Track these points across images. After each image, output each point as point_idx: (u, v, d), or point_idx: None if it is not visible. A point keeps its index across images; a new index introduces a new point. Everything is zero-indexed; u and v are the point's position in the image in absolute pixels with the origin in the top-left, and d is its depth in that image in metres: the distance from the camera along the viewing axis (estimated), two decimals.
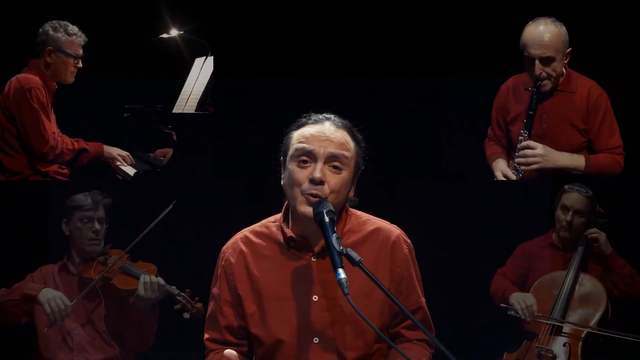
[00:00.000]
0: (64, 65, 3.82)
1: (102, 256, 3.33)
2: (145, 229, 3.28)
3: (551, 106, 3.50)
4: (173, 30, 4.55)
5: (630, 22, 3.92)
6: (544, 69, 3.38)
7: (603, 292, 3.36)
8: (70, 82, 3.87)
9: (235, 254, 2.33)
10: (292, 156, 2.23)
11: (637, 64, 3.89)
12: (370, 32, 4.15)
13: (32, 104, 3.70)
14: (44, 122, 3.73)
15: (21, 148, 3.77)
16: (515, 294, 3.50)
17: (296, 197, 2.20)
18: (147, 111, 4.58)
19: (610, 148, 3.50)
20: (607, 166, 3.49)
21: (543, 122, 3.50)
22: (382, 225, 2.35)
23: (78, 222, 3.33)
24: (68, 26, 3.80)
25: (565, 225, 3.55)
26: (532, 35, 3.38)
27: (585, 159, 3.44)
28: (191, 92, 4.29)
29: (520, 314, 3.40)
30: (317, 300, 2.24)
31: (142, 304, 3.18)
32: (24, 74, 3.78)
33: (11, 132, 3.74)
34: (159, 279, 3.16)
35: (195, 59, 4.52)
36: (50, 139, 3.74)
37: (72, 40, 3.80)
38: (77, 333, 3.24)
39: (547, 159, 3.41)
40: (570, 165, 3.44)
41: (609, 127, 3.49)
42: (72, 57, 3.80)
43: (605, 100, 3.49)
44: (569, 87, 3.48)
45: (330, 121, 2.27)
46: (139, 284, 3.13)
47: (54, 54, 3.78)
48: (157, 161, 4.14)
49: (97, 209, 3.34)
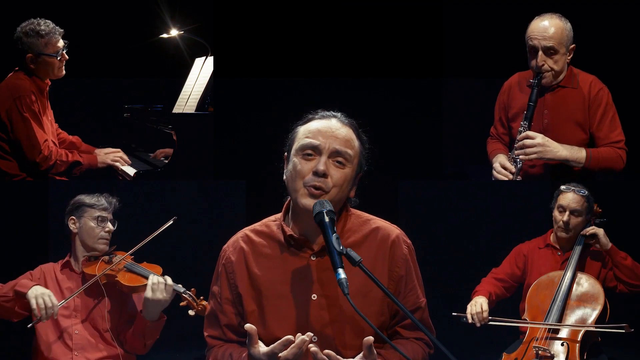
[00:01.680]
0: (49, 65, 3.72)
1: (107, 255, 3.34)
2: (147, 238, 3.31)
3: (553, 102, 3.50)
4: (173, 30, 4.56)
5: (631, 23, 3.93)
6: (546, 61, 3.40)
7: (600, 291, 3.37)
8: (61, 76, 3.78)
9: (236, 253, 2.34)
10: (297, 150, 2.24)
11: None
12: (370, 32, 4.16)
13: (22, 114, 3.65)
14: (35, 131, 3.67)
15: (15, 154, 3.73)
16: (477, 297, 3.53)
17: (298, 189, 2.21)
18: (147, 111, 4.59)
19: (611, 142, 3.48)
20: (608, 160, 3.46)
21: (544, 118, 3.50)
22: (382, 224, 2.36)
23: (91, 221, 3.32)
24: (40, 26, 3.67)
25: (562, 226, 3.56)
26: (537, 26, 3.41)
27: (586, 151, 3.41)
28: (191, 92, 4.30)
29: (469, 318, 3.42)
30: (316, 299, 2.25)
31: (151, 311, 3.15)
32: (13, 79, 3.71)
33: (3, 138, 3.70)
34: (167, 278, 3.15)
35: (195, 59, 4.52)
36: (43, 149, 3.69)
37: (48, 41, 3.68)
38: (77, 332, 3.24)
39: (547, 148, 3.39)
40: (570, 157, 3.41)
41: (610, 121, 3.47)
42: (55, 56, 3.70)
43: (606, 94, 3.48)
44: (571, 83, 3.50)
45: (337, 118, 2.29)
46: (147, 286, 3.13)
47: (35, 59, 3.69)
48: (157, 161, 4.15)
49: (110, 209, 3.35)
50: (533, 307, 3.43)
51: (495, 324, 3.41)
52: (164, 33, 4.59)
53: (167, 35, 4.60)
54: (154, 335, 3.24)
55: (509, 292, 3.72)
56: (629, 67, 4.00)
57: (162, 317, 3.22)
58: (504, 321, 3.39)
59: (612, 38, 3.98)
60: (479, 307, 3.45)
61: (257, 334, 2.19)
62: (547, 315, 3.34)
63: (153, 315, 3.17)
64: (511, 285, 3.72)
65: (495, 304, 3.63)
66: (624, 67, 3.98)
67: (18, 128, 3.67)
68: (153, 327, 3.20)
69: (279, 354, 2.10)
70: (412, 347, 2.31)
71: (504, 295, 3.71)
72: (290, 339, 2.08)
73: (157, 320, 3.20)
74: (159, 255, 3.38)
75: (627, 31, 4.00)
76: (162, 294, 3.13)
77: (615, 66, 3.90)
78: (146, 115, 4.56)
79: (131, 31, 4.55)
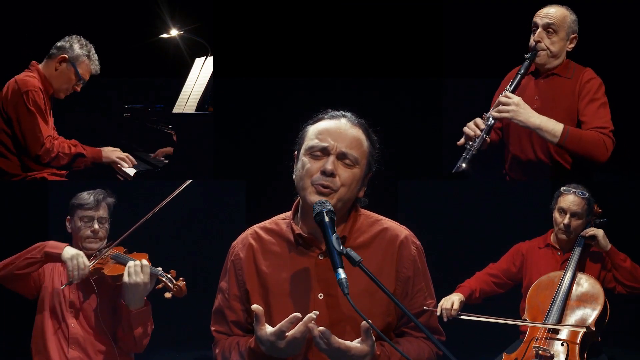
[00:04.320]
0: (68, 79, 3.84)
1: (99, 252, 3.34)
2: (131, 228, 3.28)
3: (545, 88, 3.49)
4: (173, 30, 4.56)
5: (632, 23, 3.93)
6: (543, 39, 3.41)
7: (600, 291, 3.37)
8: (61, 97, 3.89)
9: (245, 249, 2.35)
10: (306, 149, 2.25)
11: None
12: (370, 32, 4.16)
13: (29, 107, 3.71)
14: (40, 125, 3.73)
15: (17, 150, 3.77)
16: (455, 294, 3.55)
17: (306, 187, 2.22)
18: (147, 111, 4.59)
19: (596, 127, 3.33)
20: (589, 143, 3.26)
21: (535, 103, 3.43)
22: (391, 225, 2.36)
23: (79, 221, 3.34)
24: (92, 50, 3.86)
25: (562, 228, 3.55)
26: (544, 8, 3.45)
27: (565, 127, 3.24)
28: (191, 92, 4.30)
29: (438, 311, 3.41)
30: (322, 298, 2.25)
31: (132, 297, 3.12)
32: (23, 76, 3.78)
33: (7, 134, 3.75)
34: (143, 261, 3.13)
35: (195, 59, 4.53)
36: (46, 142, 3.74)
37: (88, 64, 3.84)
38: (73, 326, 3.24)
39: (520, 110, 3.26)
40: (543, 127, 3.24)
41: (597, 108, 3.37)
42: (78, 77, 3.83)
43: (597, 84, 3.42)
44: (566, 73, 3.48)
45: (347, 118, 2.30)
46: (124, 270, 3.13)
47: (66, 64, 3.80)
48: (157, 161, 4.15)
49: (98, 208, 3.34)
50: (533, 307, 3.43)
51: (466, 319, 3.35)
52: (164, 33, 4.59)
53: (167, 35, 4.60)
54: (139, 324, 3.17)
55: (501, 289, 3.73)
56: (631, 65, 3.99)
57: (147, 304, 3.19)
58: (473, 316, 3.33)
59: (614, 36, 3.97)
60: (449, 304, 3.47)
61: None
62: (547, 315, 3.34)
63: (135, 302, 3.14)
64: (504, 282, 3.72)
65: (492, 301, 3.64)
66: (625, 66, 3.98)
67: (23, 121, 3.72)
68: (137, 315, 3.15)
69: (287, 333, 2.10)
70: (419, 345, 2.31)
71: (494, 292, 3.72)
72: (297, 316, 2.08)
73: (141, 308, 3.16)
74: (159, 255, 3.37)
75: (629, 30, 4.00)
76: (139, 277, 3.10)
77: (615, 66, 3.89)
78: (146, 115, 4.56)
79: (131, 31, 4.56)
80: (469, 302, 3.62)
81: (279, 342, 2.11)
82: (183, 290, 3.12)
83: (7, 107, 3.74)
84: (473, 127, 3.34)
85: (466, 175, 3.35)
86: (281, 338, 2.10)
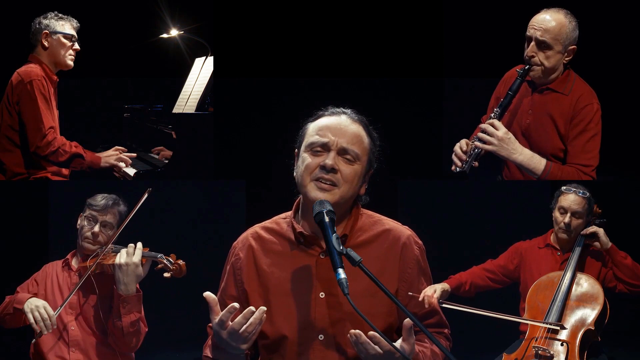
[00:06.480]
0: (62, 46, 3.80)
1: (99, 250, 3.34)
2: (126, 218, 3.30)
3: (539, 103, 3.37)
4: (173, 30, 4.56)
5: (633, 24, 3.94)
6: (537, 54, 3.24)
7: (600, 291, 3.37)
8: (70, 66, 3.84)
9: (245, 249, 2.35)
10: (307, 146, 2.26)
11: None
12: (370, 32, 4.16)
13: (32, 95, 3.69)
14: (43, 114, 3.70)
15: (22, 146, 3.75)
16: (442, 283, 3.53)
17: (306, 184, 2.22)
18: (147, 111, 4.59)
19: (580, 164, 3.28)
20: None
21: (527, 118, 3.38)
22: (393, 225, 2.36)
23: (84, 219, 3.34)
24: (58, 13, 3.83)
25: (563, 227, 3.55)
26: (539, 17, 3.26)
27: (547, 165, 3.21)
28: (191, 92, 4.30)
29: (420, 297, 3.39)
30: (323, 297, 2.25)
31: (121, 277, 3.09)
32: (25, 67, 3.77)
33: (14, 127, 3.74)
34: (138, 244, 3.12)
35: (195, 59, 4.53)
36: (48, 134, 3.70)
37: (66, 23, 3.82)
38: (73, 328, 3.24)
39: (504, 146, 3.18)
40: (525, 164, 3.21)
41: (587, 141, 3.26)
42: (67, 38, 3.80)
43: (593, 111, 3.27)
44: (563, 88, 3.32)
45: (347, 115, 2.30)
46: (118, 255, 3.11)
47: (50, 37, 3.78)
48: (157, 161, 4.15)
49: (105, 212, 3.33)
50: (533, 307, 3.43)
51: (447, 307, 3.25)
52: (164, 33, 4.59)
53: (167, 35, 4.61)
54: (128, 312, 3.13)
55: (496, 285, 3.72)
56: (631, 65, 3.99)
57: (138, 291, 3.16)
58: (456, 305, 3.25)
59: (614, 36, 3.97)
60: (431, 291, 3.42)
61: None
62: (546, 315, 3.34)
63: (126, 285, 3.11)
64: (500, 279, 3.71)
65: (492, 301, 3.63)
66: (625, 66, 3.98)
67: (26, 109, 3.70)
68: (126, 300, 3.11)
69: (227, 323, 2.09)
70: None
71: (489, 287, 3.72)
72: (235, 306, 2.07)
73: (132, 295, 3.13)
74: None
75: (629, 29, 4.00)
76: (129, 258, 3.09)
77: (615, 66, 3.90)
78: (146, 115, 4.56)
79: (131, 31, 4.56)
80: (458, 293, 3.61)
81: (222, 331, 2.10)
82: (183, 270, 3.11)
83: (12, 99, 3.73)
84: (460, 154, 3.31)
85: (466, 176, 3.35)
86: (223, 328, 2.10)
